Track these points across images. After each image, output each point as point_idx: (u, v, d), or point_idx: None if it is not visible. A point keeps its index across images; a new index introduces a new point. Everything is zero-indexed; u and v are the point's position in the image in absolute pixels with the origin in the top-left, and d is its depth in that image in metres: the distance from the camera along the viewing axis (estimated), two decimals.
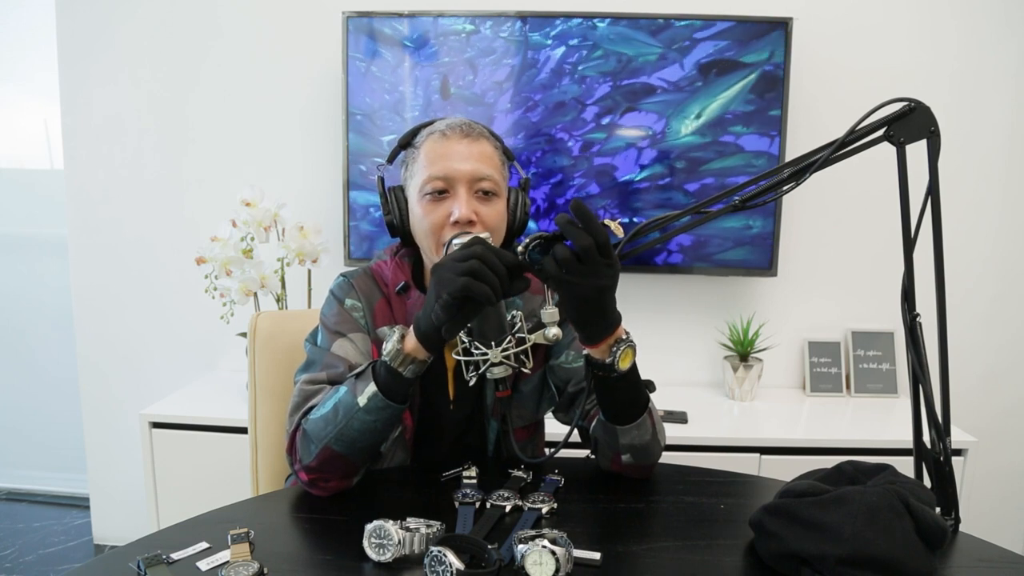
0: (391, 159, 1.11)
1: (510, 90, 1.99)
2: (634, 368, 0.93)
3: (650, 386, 1.00)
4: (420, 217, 1.03)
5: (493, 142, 1.06)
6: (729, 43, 1.94)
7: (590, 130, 1.98)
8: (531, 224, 2.02)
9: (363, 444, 0.93)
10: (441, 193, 1.01)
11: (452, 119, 1.06)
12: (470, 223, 0.99)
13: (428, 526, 0.78)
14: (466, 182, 1.01)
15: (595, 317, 0.87)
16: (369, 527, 0.77)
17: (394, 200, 1.08)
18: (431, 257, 1.05)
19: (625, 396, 0.96)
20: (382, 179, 1.11)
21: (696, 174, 1.99)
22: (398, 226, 1.08)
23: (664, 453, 1.03)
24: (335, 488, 0.96)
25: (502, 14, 1.97)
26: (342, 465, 0.94)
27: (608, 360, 0.90)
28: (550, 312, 0.87)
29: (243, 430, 1.52)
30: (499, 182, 1.04)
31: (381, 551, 0.76)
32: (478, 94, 2.00)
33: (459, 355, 0.92)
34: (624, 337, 0.91)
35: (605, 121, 1.98)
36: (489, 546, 0.74)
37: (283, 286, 1.89)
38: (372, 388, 0.90)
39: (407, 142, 1.08)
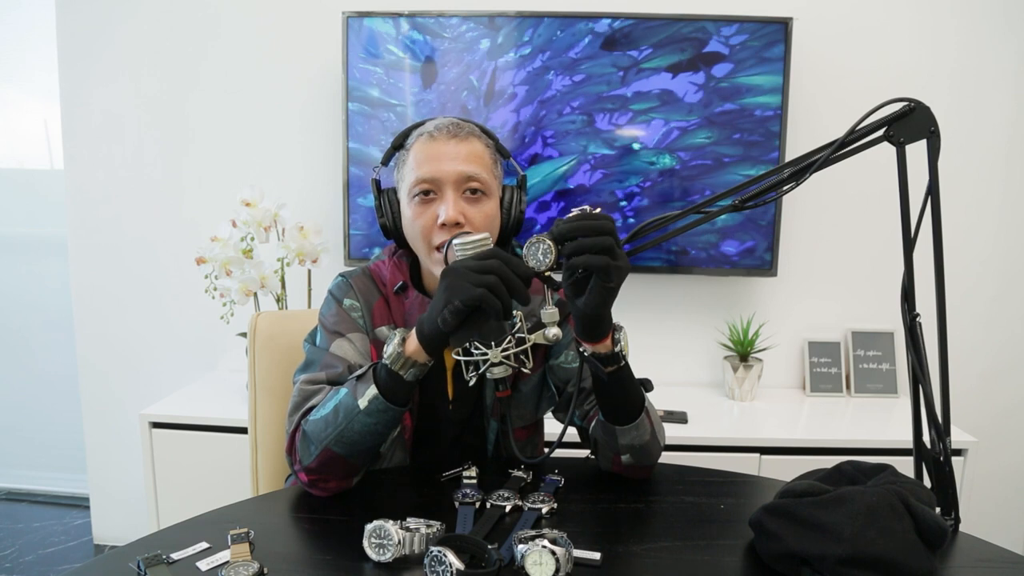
0: (385, 161, 1.11)
1: (511, 87, 1.99)
2: (628, 364, 0.94)
3: (647, 385, 1.00)
4: (410, 219, 1.03)
5: (484, 140, 1.06)
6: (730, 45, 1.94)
7: (594, 128, 1.99)
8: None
9: (363, 446, 0.93)
10: (429, 194, 1.01)
11: (442, 119, 1.06)
12: (457, 225, 0.99)
13: (428, 526, 0.78)
14: (453, 183, 1.00)
15: (607, 311, 0.87)
16: (369, 527, 0.77)
17: (387, 203, 1.08)
18: (424, 259, 1.05)
19: (624, 393, 0.96)
20: (377, 181, 1.11)
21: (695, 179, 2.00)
22: (391, 228, 1.09)
23: (664, 453, 1.03)
24: (335, 488, 0.96)
25: (502, 14, 1.97)
26: (342, 466, 0.94)
27: (616, 349, 0.90)
28: (550, 312, 0.87)
29: (243, 430, 1.53)
30: (488, 181, 1.03)
31: (381, 551, 0.76)
32: (478, 92, 2.00)
33: (459, 355, 0.92)
34: (616, 324, 0.92)
35: (611, 118, 1.98)
36: (489, 546, 0.74)
37: (283, 286, 1.89)
38: (373, 391, 0.90)
39: (399, 144, 1.08)
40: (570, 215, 0.82)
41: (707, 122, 1.97)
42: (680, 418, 1.89)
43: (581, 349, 0.92)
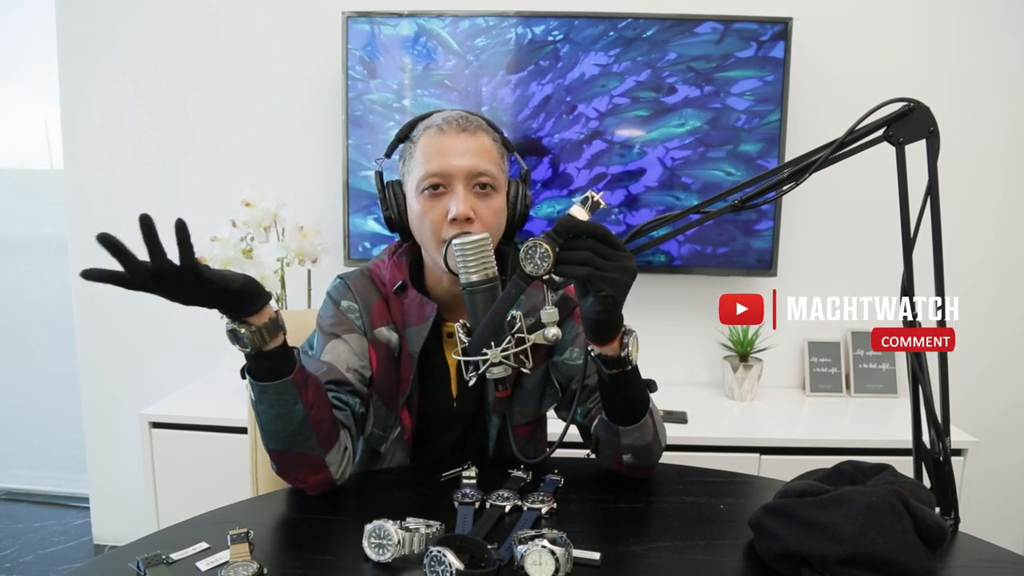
0: (389, 153, 1.10)
1: (512, 87, 1.99)
2: (636, 368, 0.94)
3: (651, 386, 0.99)
4: (419, 214, 1.03)
5: (492, 134, 1.05)
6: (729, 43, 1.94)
7: (593, 127, 1.99)
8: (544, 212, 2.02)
9: (286, 432, 0.90)
10: (438, 188, 1.01)
11: (449, 112, 1.05)
12: (468, 220, 0.99)
13: (428, 526, 0.78)
14: (463, 178, 1.00)
15: (616, 311, 0.86)
16: (369, 527, 0.77)
17: (392, 195, 1.07)
18: (431, 253, 1.05)
19: (630, 394, 0.95)
20: (380, 173, 1.11)
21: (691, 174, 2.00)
22: (396, 221, 1.08)
23: (664, 453, 1.03)
24: (316, 483, 0.94)
25: (502, 14, 1.97)
26: (293, 459, 0.92)
27: (623, 353, 0.90)
28: (550, 312, 0.87)
29: (243, 430, 1.52)
30: (497, 176, 1.03)
31: (381, 551, 0.76)
32: (477, 92, 1.99)
33: (459, 355, 0.91)
34: (627, 328, 0.91)
35: (606, 116, 1.98)
36: (489, 546, 0.74)
37: (283, 286, 1.89)
38: (247, 379, 0.90)
39: (404, 135, 1.07)
40: (571, 208, 0.81)
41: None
42: (680, 418, 1.89)
43: (589, 348, 0.91)
